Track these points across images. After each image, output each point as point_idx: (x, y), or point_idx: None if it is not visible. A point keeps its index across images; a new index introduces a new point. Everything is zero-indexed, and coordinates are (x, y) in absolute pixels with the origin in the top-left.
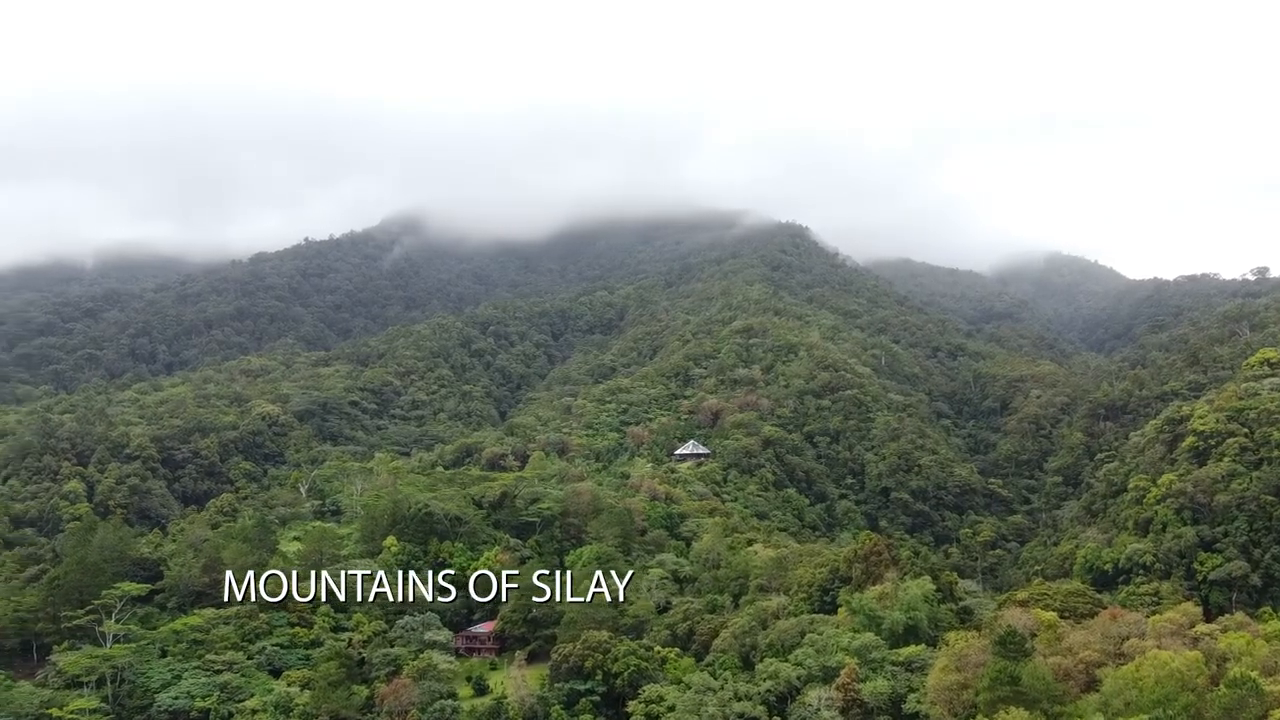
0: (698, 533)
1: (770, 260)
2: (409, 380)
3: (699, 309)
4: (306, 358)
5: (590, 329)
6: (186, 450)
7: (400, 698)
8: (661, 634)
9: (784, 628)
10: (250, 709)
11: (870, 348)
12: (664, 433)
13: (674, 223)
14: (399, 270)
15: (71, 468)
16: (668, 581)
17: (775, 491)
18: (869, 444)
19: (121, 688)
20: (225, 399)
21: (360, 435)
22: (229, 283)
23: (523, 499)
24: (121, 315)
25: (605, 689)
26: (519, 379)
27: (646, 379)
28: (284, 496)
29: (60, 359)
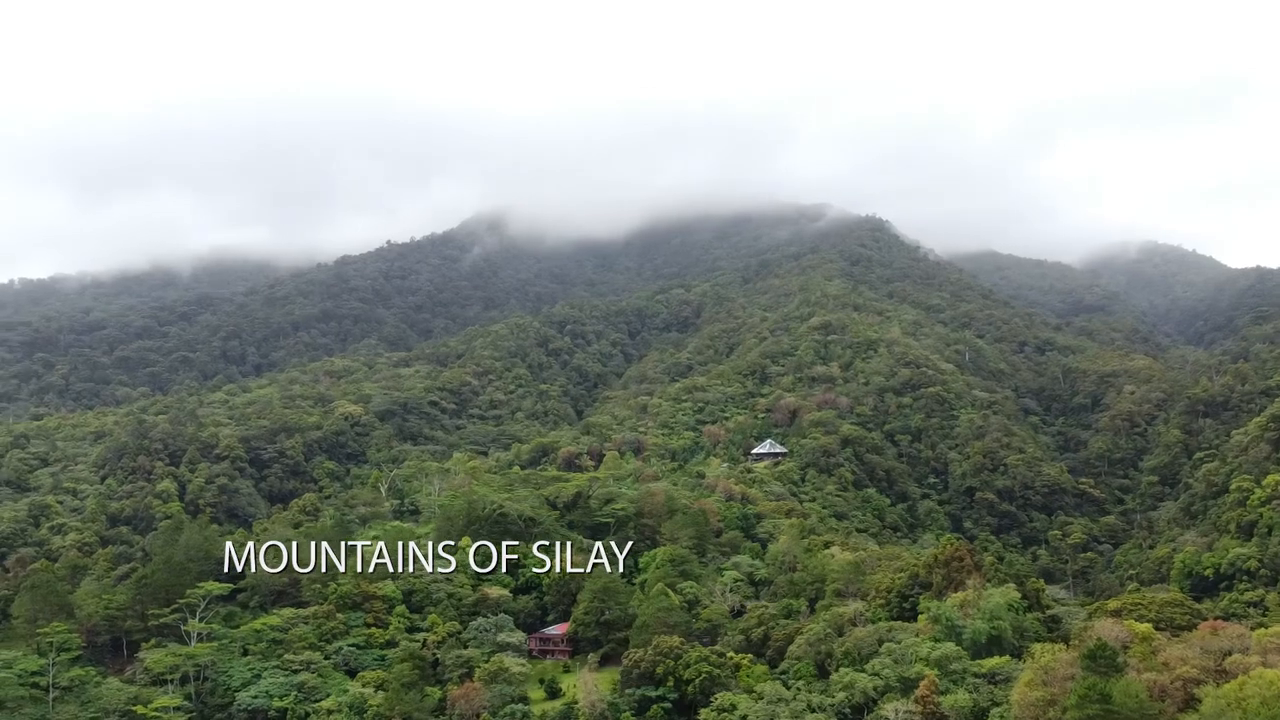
0: (774, 534)
1: (849, 255)
2: (487, 380)
3: (776, 305)
4: (388, 358)
5: (666, 327)
6: (273, 450)
7: (471, 701)
8: (735, 639)
9: (861, 635)
10: (326, 709)
11: (953, 343)
12: (740, 431)
13: (753, 218)
14: (478, 271)
15: (164, 468)
16: (742, 584)
17: (855, 491)
18: (952, 442)
19: (204, 685)
20: (310, 400)
21: (439, 435)
22: (315, 285)
23: (597, 499)
24: (213, 319)
25: (677, 696)
26: (595, 378)
27: (722, 377)
28: (364, 496)
29: (156, 361)
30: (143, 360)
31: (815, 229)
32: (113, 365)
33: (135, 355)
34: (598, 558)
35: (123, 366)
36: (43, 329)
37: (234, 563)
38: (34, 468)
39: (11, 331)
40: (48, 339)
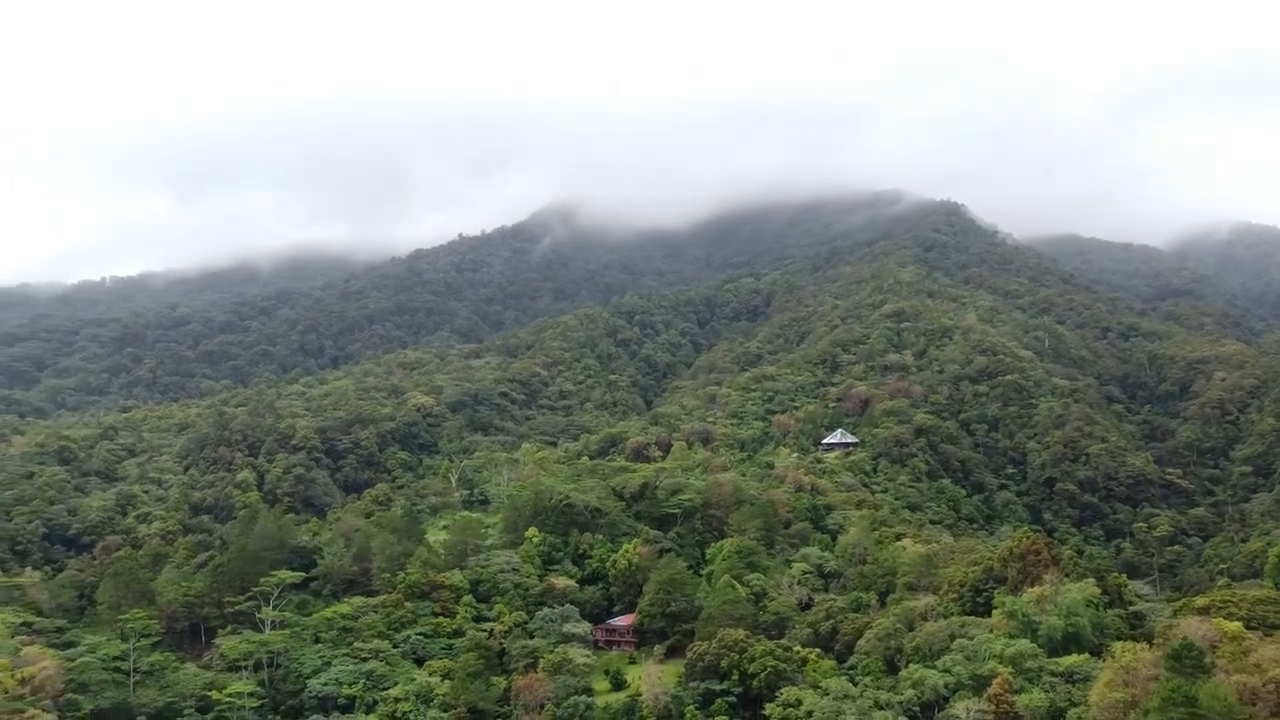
0: (844, 526)
1: (923, 240)
2: (556, 371)
3: (847, 293)
4: (459, 350)
5: (736, 316)
6: (348, 441)
7: (535, 691)
8: (803, 633)
9: (932, 630)
10: (393, 697)
11: (1032, 329)
12: (810, 421)
13: (825, 205)
14: (548, 262)
15: (243, 458)
16: (811, 577)
17: (929, 482)
18: (1031, 431)
19: (276, 672)
20: (383, 391)
21: (509, 425)
22: (388, 279)
23: (664, 490)
24: (292, 313)
25: (741, 690)
26: (664, 368)
27: (793, 366)
28: (435, 486)
29: (238, 355)
30: (225, 354)
31: (888, 215)
32: (197, 359)
33: (218, 349)
34: (664, 548)
35: (206, 360)
36: (132, 325)
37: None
38: (122, 458)
39: (103, 328)
40: (136, 334)
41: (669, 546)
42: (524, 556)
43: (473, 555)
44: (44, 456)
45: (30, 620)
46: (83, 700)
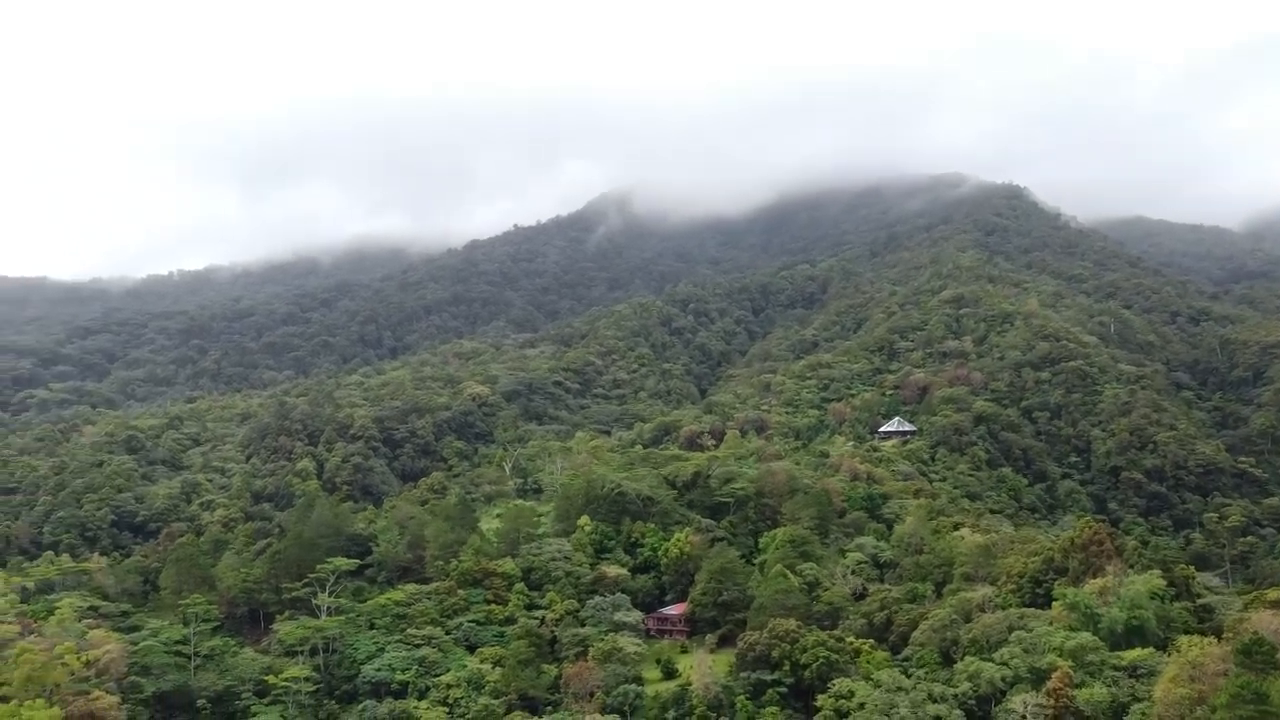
0: (900, 515)
1: (984, 225)
2: (610, 360)
3: (905, 279)
4: (514, 340)
5: (791, 303)
6: (405, 430)
7: (584, 680)
8: (857, 623)
9: (989, 622)
10: (445, 684)
11: (1097, 314)
12: (867, 409)
13: (883, 190)
14: (603, 252)
15: (303, 447)
16: (866, 567)
17: (988, 471)
18: (1096, 419)
19: (332, 657)
20: (439, 381)
21: (564, 414)
22: (445, 270)
23: (716, 479)
24: (352, 304)
25: (793, 680)
26: (719, 356)
27: (849, 353)
28: (489, 475)
29: (299, 346)
30: (287, 345)
31: (947, 199)
32: (260, 350)
33: (280, 340)
34: (716, 537)
35: (269, 351)
36: (198, 317)
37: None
38: (186, 447)
39: (170, 320)
40: (202, 326)
41: (721, 535)
42: (576, 545)
43: (525, 543)
44: (113, 446)
45: (97, 604)
46: (145, 683)
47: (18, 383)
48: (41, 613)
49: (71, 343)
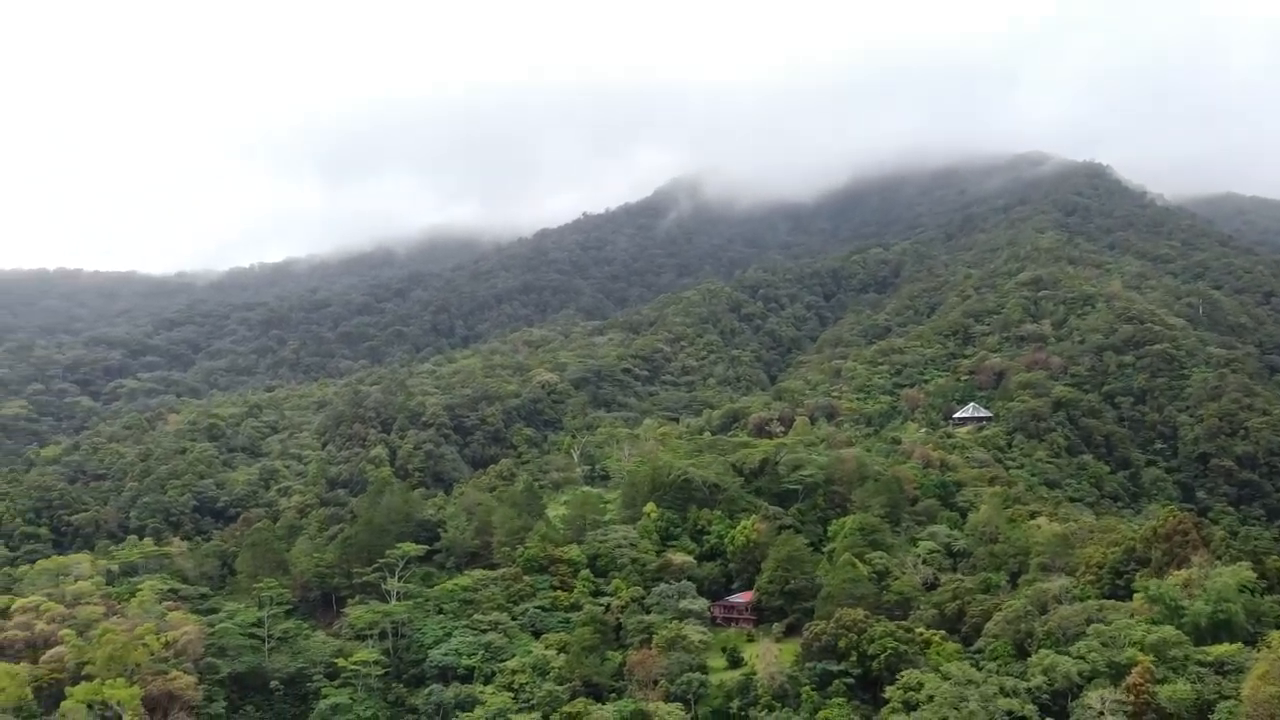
0: (974, 503)
1: (1064, 204)
2: (679, 347)
3: (981, 262)
4: (583, 327)
5: (863, 288)
6: (475, 418)
7: (648, 667)
8: (927, 614)
9: (1066, 614)
10: (510, 669)
11: (1184, 296)
12: (941, 395)
13: (960, 171)
14: (672, 238)
15: (377, 435)
16: (938, 556)
17: (1068, 458)
18: (1183, 404)
19: (400, 642)
20: (509, 369)
21: (632, 401)
22: (515, 259)
23: (784, 465)
24: (425, 294)
25: (860, 671)
26: (789, 342)
27: (922, 338)
28: (557, 462)
29: (374, 335)
30: (362, 335)
31: (1026, 179)
32: (336, 340)
33: (355, 330)
34: (784, 525)
35: (345, 341)
36: (277, 308)
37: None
38: (265, 435)
39: (251, 311)
40: (281, 317)
41: (789, 523)
42: (642, 532)
43: (591, 530)
44: (195, 433)
45: (176, 587)
46: (221, 664)
47: (109, 373)
48: (125, 594)
49: (159, 334)
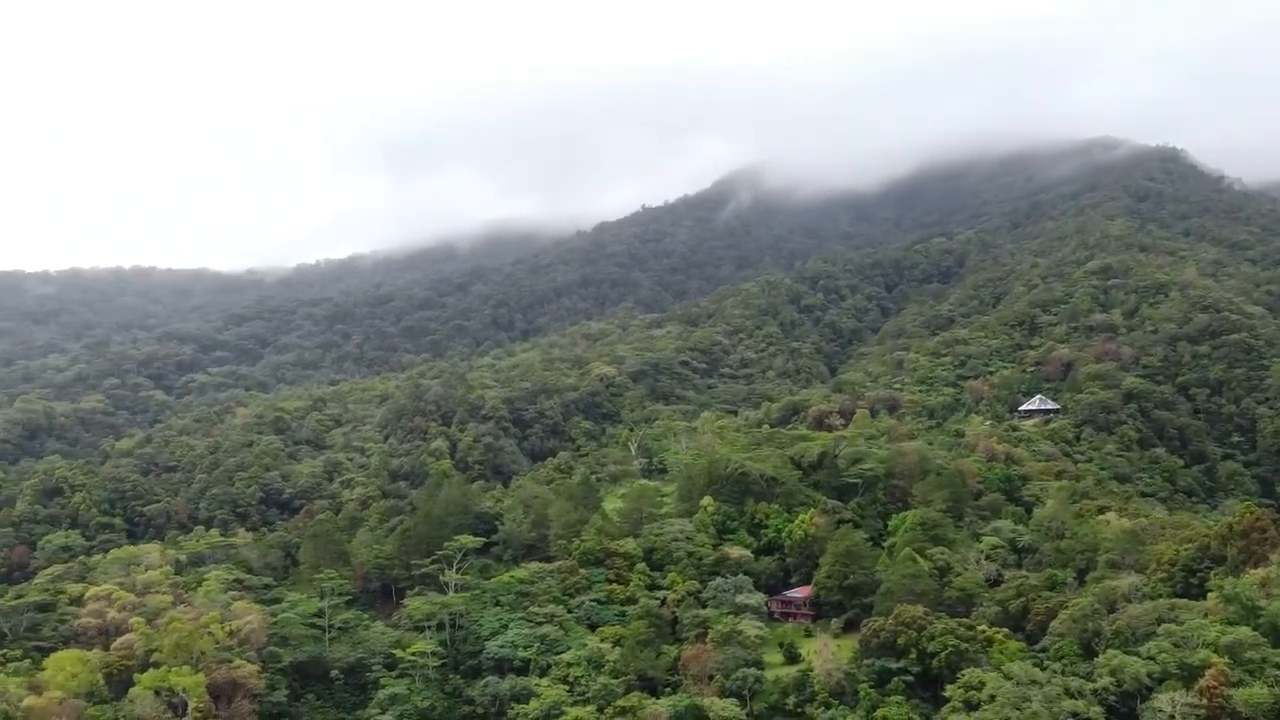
0: (1040, 498)
1: (1135, 190)
2: (737, 339)
3: (1049, 250)
4: (641, 320)
5: (926, 278)
6: (534, 411)
7: (702, 662)
8: (990, 611)
9: (1135, 613)
10: (565, 662)
11: (1264, 284)
12: (1006, 387)
13: (1027, 158)
14: (731, 230)
15: (437, 428)
16: (1002, 552)
17: (1139, 451)
18: (1262, 395)
19: (457, 633)
20: (567, 362)
21: (690, 394)
22: (574, 253)
23: (844, 459)
24: (485, 288)
25: (919, 669)
26: (849, 334)
27: (987, 329)
28: (615, 455)
29: (436, 330)
30: (424, 329)
31: (1096, 165)
32: (399, 334)
33: (417, 325)
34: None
35: (407, 335)
36: (342, 303)
37: (500, 522)
38: (329, 428)
39: (316, 307)
40: (346, 312)
41: (848, 517)
42: (698, 525)
43: (647, 523)
44: (262, 427)
45: (241, 577)
46: (283, 653)
47: (181, 367)
48: (192, 584)
49: (228, 330)
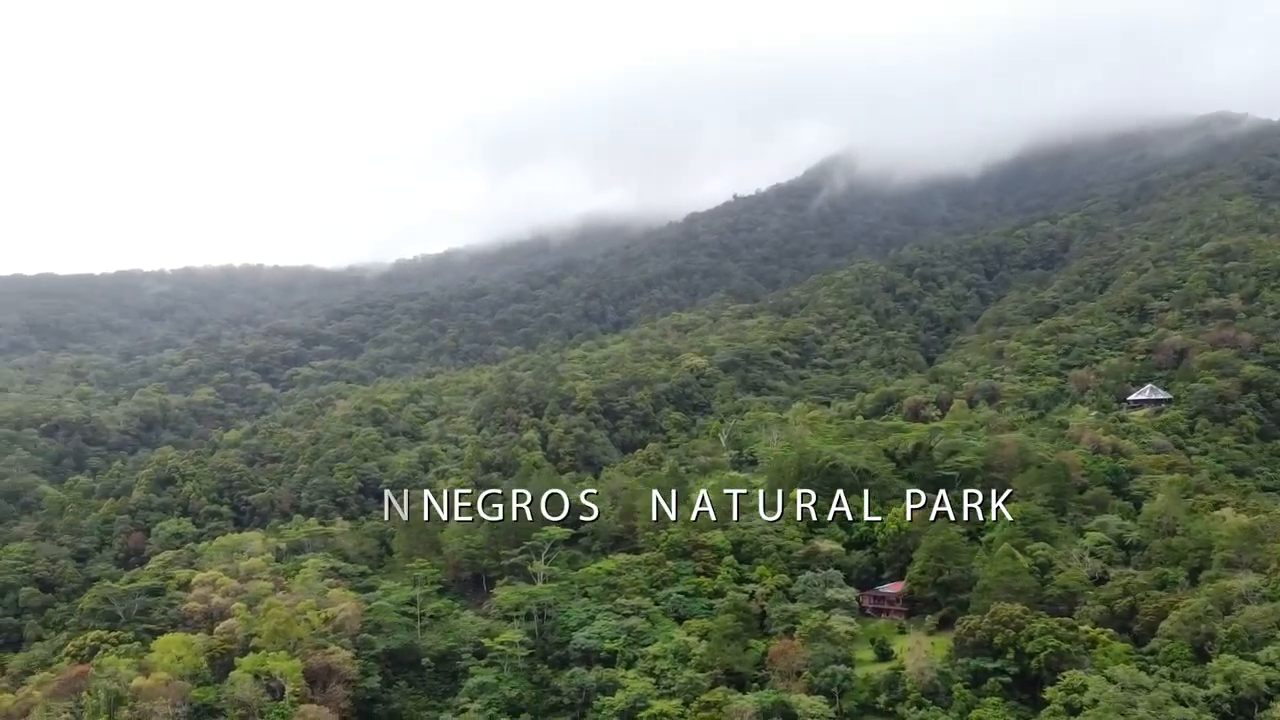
0: (1150, 492)
1: (1256, 168)
2: (830, 329)
3: (1160, 232)
4: (732, 310)
5: (1028, 264)
6: (624, 402)
7: (791, 658)
8: (1094, 610)
9: (1253, 616)
10: (652, 655)
11: None
12: (1113, 376)
13: (1137, 137)
14: (824, 218)
15: (529, 419)
16: (1108, 548)
17: (1260, 443)
18: None
19: (545, 623)
20: (658, 353)
21: (782, 385)
22: (665, 244)
23: (939, 451)
24: (577, 280)
25: (1017, 670)
26: (947, 322)
27: (1093, 316)
28: (704, 446)
29: (528, 322)
30: (517, 322)
31: (1214, 142)
32: (492, 327)
33: (511, 317)
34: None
35: (501, 328)
36: (438, 297)
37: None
38: (425, 419)
39: (414, 301)
40: (442, 306)
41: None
42: (788, 518)
43: (736, 516)
44: (361, 418)
45: (338, 565)
46: (376, 640)
47: (286, 361)
48: (290, 571)
49: (330, 324)
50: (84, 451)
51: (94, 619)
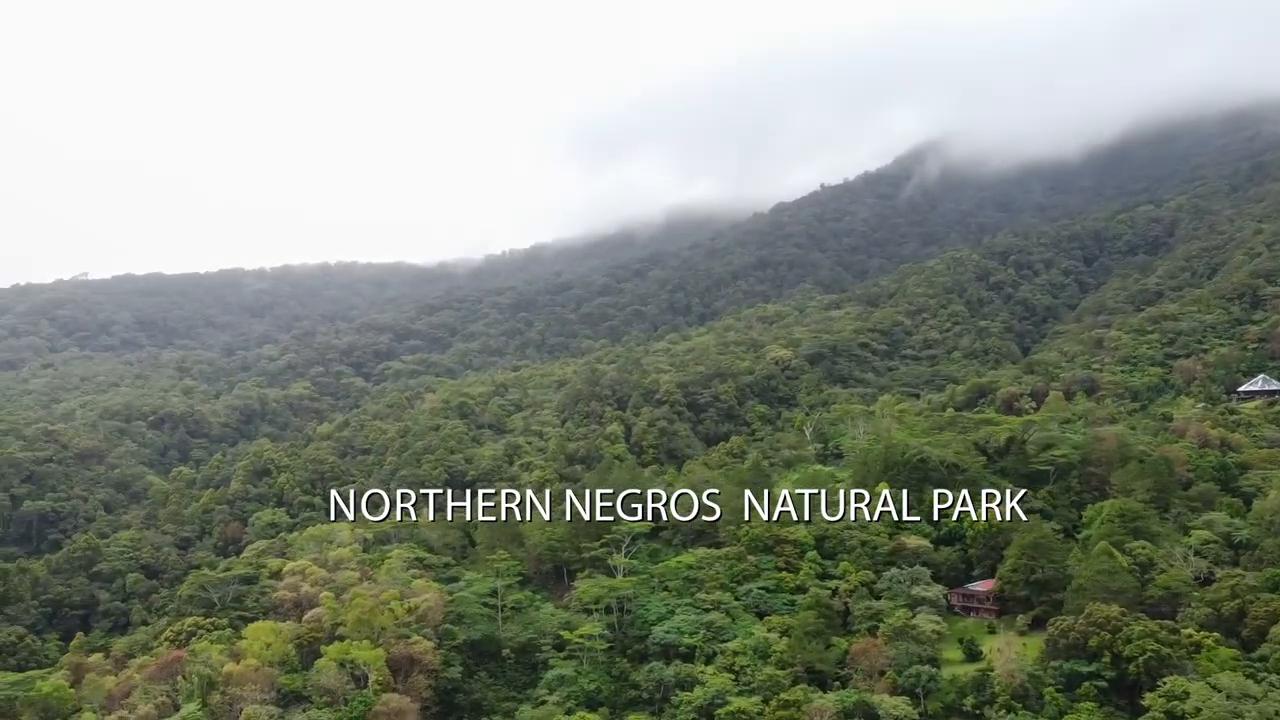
0: (1262, 488)
1: None
2: (920, 319)
3: (1274, 215)
4: (819, 301)
5: (1131, 250)
6: (708, 395)
7: (873, 657)
8: (1199, 613)
9: None
10: (731, 650)
11: None
12: (1222, 366)
13: (1250, 115)
14: (915, 206)
15: (612, 412)
16: (1215, 547)
17: None
18: None
19: (625, 617)
20: (742, 345)
21: (869, 377)
22: (751, 235)
23: (1033, 444)
24: (662, 273)
25: (1114, 674)
26: (1043, 311)
27: (1200, 303)
28: (789, 439)
29: (613, 315)
30: (602, 315)
31: None
32: (578, 321)
33: (596, 311)
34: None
35: (586, 322)
36: (525, 292)
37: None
38: (510, 412)
39: (501, 295)
40: (528, 300)
41: (1037, 507)
42: (873, 512)
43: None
44: (448, 411)
45: (422, 556)
46: (458, 631)
47: (378, 355)
48: (376, 561)
49: (420, 319)
50: (188, 443)
51: (192, 605)
